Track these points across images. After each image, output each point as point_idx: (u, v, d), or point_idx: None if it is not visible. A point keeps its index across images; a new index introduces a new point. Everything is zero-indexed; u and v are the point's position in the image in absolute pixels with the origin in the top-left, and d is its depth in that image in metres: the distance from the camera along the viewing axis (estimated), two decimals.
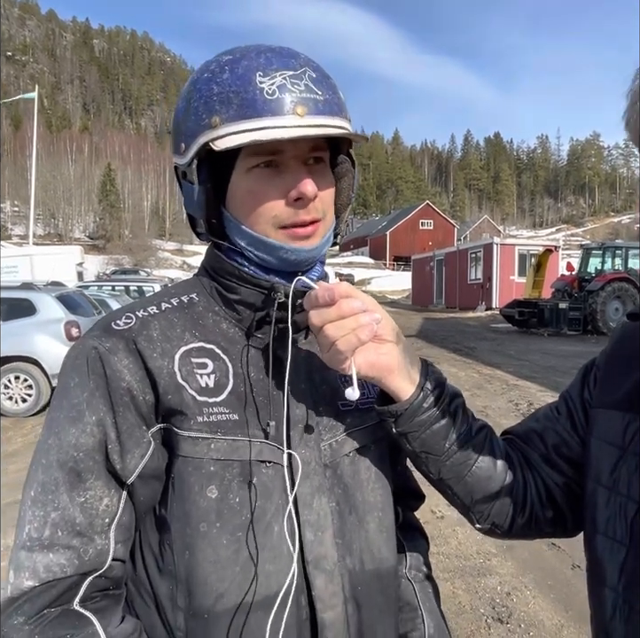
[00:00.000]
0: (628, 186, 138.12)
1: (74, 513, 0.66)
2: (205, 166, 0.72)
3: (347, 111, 0.76)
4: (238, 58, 0.70)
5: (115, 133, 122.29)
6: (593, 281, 16.57)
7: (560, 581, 3.26)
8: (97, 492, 0.67)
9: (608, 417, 0.71)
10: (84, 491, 0.66)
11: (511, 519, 0.79)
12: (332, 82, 0.73)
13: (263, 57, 0.69)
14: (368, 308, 0.68)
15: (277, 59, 0.69)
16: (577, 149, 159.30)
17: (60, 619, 0.64)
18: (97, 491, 0.67)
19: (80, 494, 0.66)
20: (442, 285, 28.74)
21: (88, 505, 0.66)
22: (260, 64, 0.68)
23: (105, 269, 41.91)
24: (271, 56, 0.70)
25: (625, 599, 0.63)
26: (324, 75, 0.73)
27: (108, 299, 11.83)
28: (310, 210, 0.71)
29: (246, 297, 0.75)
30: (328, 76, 0.73)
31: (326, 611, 0.70)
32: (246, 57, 0.70)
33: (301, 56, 0.72)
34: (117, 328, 0.71)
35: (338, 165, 0.79)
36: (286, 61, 0.70)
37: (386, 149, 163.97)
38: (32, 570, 0.64)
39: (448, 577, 3.30)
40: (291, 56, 0.71)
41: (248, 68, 0.68)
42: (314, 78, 0.70)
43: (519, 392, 8.22)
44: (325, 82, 0.72)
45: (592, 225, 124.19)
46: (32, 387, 7.36)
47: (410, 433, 0.73)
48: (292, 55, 0.71)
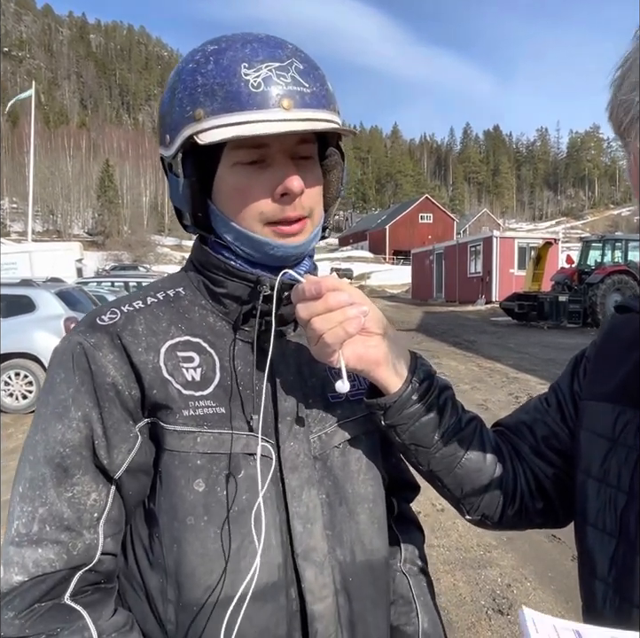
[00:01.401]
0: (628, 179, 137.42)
1: (62, 508, 0.66)
2: (190, 158, 0.71)
3: (336, 102, 0.74)
4: (223, 49, 0.68)
5: (113, 128, 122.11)
6: (593, 273, 16.56)
7: (560, 573, 3.27)
8: (84, 487, 0.67)
9: (598, 409, 0.71)
10: (71, 486, 0.67)
11: (502, 510, 0.79)
12: (321, 74, 0.72)
13: (249, 47, 0.68)
14: (355, 301, 0.67)
15: (264, 50, 0.68)
16: (577, 141, 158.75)
17: (51, 613, 0.64)
18: (84, 486, 0.67)
19: (67, 489, 0.66)
20: (442, 279, 28.73)
21: (75, 500, 0.66)
22: (245, 55, 0.67)
23: (105, 265, 41.92)
24: (257, 46, 0.68)
25: (615, 590, 0.63)
26: (312, 66, 0.71)
27: (107, 295, 11.82)
28: (296, 206, 0.70)
29: (233, 290, 0.74)
30: (316, 67, 0.72)
31: (316, 603, 0.70)
32: (232, 47, 0.68)
33: (289, 46, 0.70)
34: (102, 323, 0.71)
35: (327, 158, 0.78)
36: (273, 52, 0.68)
37: (385, 143, 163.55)
38: (21, 565, 0.64)
39: (448, 569, 3.31)
40: (278, 46, 0.69)
41: (233, 59, 0.67)
42: (301, 70, 0.68)
43: (519, 385, 8.23)
44: (313, 74, 0.70)
45: (592, 218, 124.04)
46: (32, 384, 7.37)
47: (399, 426, 0.73)
48: (279, 45, 0.69)
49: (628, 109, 0.57)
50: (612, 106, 0.60)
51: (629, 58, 0.59)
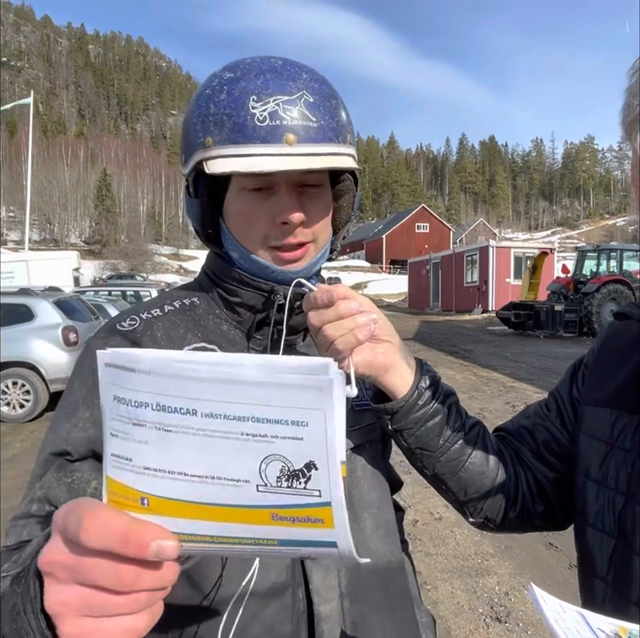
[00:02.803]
0: (623, 189, 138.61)
1: (60, 492, 0.68)
2: (203, 179, 0.75)
3: (349, 132, 0.75)
4: (237, 78, 0.70)
5: (111, 138, 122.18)
6: (588, 283, 16.63)
7: (557, 581, 3.28)
8: (84, 474, 0.69)
9: (597, 414, 0.73)
10: (71, 472, 0.69)
11: (504, 513, 0.82)
12: (333, 104, 0.73)
13: (262, 78, 0.69)
14: (365, 309, 0.70)
15: (275, 82, 0.69)
16: (571, 152, 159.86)
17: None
18: (84, 473, 0.69)
19: (67, 475, 0.69)
20: (439, 288, 28.79)
21: (75, 485, 0.69)
22: (256, 87, 0.69)
23: (102, 274, 41.85)
24: (270, 77, 0.69)
25: (614, 588, 0.65)
26: (324, 98, 0.72)
27: (105, 304, 11.82)
28: (297, 234, 0.73)
29: (247, 299, 0.77)
30: (330, 97, 0.73)
31: (323, 604, 0.72)
32: (245, 77, 0.70)
33: (304, 76, 0.71)
34: (122, 329, 0.75)
35: (340, 183, 0.80)
36: (284, 85, 0.69)
37: (382, 153, 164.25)
38: (17, 534, 0.67)
39: (446, 577, 3.31)
40: (290, 77, 0.70)
41: (244, 91, 0.69)
42: (310, 103, 0.70)
43: (516, 394, 8.25)
44: (323, 106, 0.71)
45: (587, 227, 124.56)
46: (30, 393, 7.35)
47: (406, 430, 0.75)
48: (292, 76, 0.70)
49: (632, 112, 0.61)
50: (625, 114, 0.63)
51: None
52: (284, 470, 0.42)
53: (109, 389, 0.43)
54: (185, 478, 0.42)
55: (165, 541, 0.41)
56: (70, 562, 0.41)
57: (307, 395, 0.40)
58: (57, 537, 0.42)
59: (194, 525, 0.43)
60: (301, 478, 0.42)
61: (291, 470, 0.42)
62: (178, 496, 0.42)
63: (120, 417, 0.42)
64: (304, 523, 0.42)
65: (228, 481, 0.42)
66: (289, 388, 0.40)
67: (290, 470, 0.42)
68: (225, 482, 0.42)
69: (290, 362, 0.41)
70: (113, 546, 0.39)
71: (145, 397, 0.42)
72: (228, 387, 0.41)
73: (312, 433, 0.41)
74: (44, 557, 0.42)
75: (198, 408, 0.41)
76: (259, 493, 0.42)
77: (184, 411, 0.41)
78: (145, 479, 0.42)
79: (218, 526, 0.43)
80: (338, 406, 0.41)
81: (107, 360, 0.42)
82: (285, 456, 0.42)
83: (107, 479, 0.44)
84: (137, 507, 0.43)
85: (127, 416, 0.42)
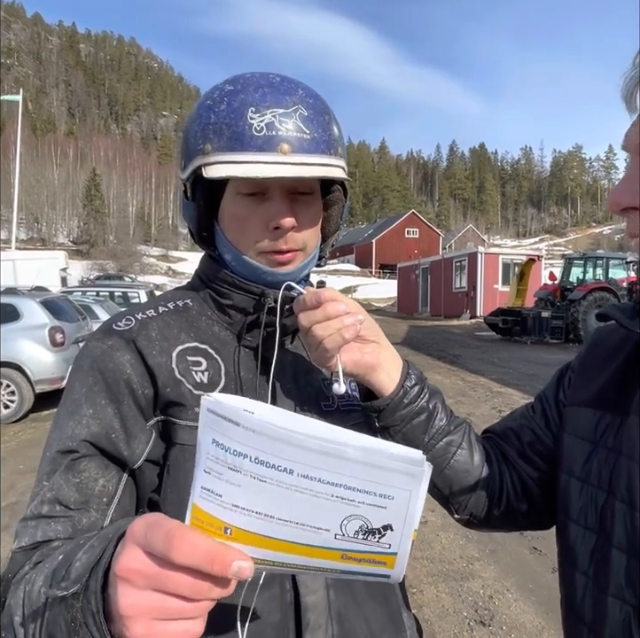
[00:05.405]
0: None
1: (70, 493, 0.70)
2: (200, 184, 0.78)
3: (341, 146, 0.79)
4: (237, 90, 0.74)
5: (101, 138, 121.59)
6: (575, 290, 16.81)
7: (541, 585, 3.31)
8: (91, 473, 0.71)
9: (581, 414, 0.75)
10: (79, 473, 0.71)
11: (488, 510, 0.84)
12: (326, 119, 0.77)
13: (260, 92, 0.73)
14: (352, 310, 0.73)
15: (272, 96, 0.73)
16: (560, 160, 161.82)
17: None
18: (91, 472, 0.71)
19: (75, 476, 0.70)
20: (427, 293, 28.95)
21: (83, 485, 0.70)
22: (254, 99, 0.73)
23: (89, 275, 41.54)
24: (268, 91, 0.73)
25: (595, 582, 0.67)
26: (318, 112, 0.76)
27: (93, 304, 11.73)
28: (288, 240, 0.77)
29: (238, 302, 0.81)
30: (323, 113, 0.77)
31: (309, 595, 0.74)
32: (245, 90, 0.74)
33: (300, 92, 0.75)
34: (118, 328, 0.77)
35: (330, 193, 0.84)
36: (280, 98, 0.73)
37: (373, 158, 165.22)
38: (31, 534, 0.69)
39: (432, 581, 3.33)
40: (287, 92, 0.74)
41: (243, 102, 0.73)
42: (304, 116, 0.74)
43: (503, 399, 8.31)
44: (317, 121, 0.75)
45: (574, 235, 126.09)
46: (15, 393, 7.29)
47: (392, 427, 0.77)
48: (288, 91, 0.74)
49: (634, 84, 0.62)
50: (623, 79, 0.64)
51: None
52: (363, 528, 0.48)
53: (208, 432, 0.46)
54: (270, 520, 0.46)
55: (244, 563, 0.46)
56: (152, 571, 0.46)
57: (400, 478, 0.47)
58: (134, 548, 0.47)
59: (271, 554, 0.48)
60: (377, 535, 0.48)
61: (369, 528, 0.48)
62: (261, 531, 0.47)
63: (216, 459, 0.45)
64: (369, 563, 0.49)
65: (309, 528, 0.47)
66: (387, 470, 0.46)
67: (368, 528, 0.48)
68: (307, 528, 0.47)
69: (392, 450, 0.47)
70: (200, 564, 0.45)
71: (246, 449, 0.45)
72: (329, 459, 0.45)
73: (395, 505, 0.47)
74: (123, 565, 0.47)
75: (295, 469, 0.45)
76: (335, 540, 0.48)
77: (282, 469, 0.45)
78: (232, 515, 0.46)
79: (292, 557, 0.48)
80: (423, 489, 0.47)
81: (211, 407, 0.45)
82: (367, 518, 0.47)
83: (193, 506, 0.47)
84: (220, 534, 0.46)
85: (224, 460, 0.45)
